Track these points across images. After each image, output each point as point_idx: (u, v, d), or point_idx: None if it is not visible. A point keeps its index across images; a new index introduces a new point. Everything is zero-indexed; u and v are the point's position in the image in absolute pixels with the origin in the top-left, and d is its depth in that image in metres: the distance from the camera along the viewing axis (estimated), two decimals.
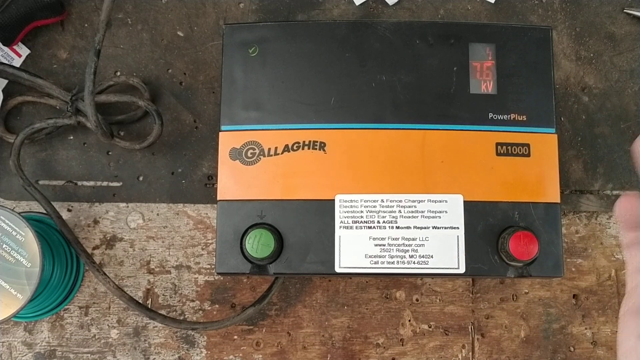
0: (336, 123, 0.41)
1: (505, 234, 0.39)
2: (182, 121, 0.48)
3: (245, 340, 0.46)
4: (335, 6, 0.49)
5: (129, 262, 0.47)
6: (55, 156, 0.47)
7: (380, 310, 0.46)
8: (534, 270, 0.40)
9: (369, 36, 0.42)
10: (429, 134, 0.41)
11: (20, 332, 0.45)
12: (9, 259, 0.39)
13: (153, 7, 0.49)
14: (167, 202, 0.47)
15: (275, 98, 0.41)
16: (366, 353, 0.46)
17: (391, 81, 0.41)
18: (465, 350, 0.46)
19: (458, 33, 0.42)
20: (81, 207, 0.47)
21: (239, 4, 0.49)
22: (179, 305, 0.46)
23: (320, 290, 0.46)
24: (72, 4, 0.48)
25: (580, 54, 0.49)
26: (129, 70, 0.48)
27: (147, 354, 0.46)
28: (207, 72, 0.48)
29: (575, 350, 0.46)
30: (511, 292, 0.47)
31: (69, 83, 0.47)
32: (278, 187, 0.41)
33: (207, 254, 0.47)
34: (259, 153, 0.41)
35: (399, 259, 0.40)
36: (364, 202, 0.40)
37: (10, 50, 0.47)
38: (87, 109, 0.42)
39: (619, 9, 0.49)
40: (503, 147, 0.41)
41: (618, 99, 0.48)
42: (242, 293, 0.46)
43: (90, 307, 0.46)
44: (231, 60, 0.42)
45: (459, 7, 0.49)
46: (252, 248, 0.39)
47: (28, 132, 0.44)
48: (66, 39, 0.48)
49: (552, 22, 0.49)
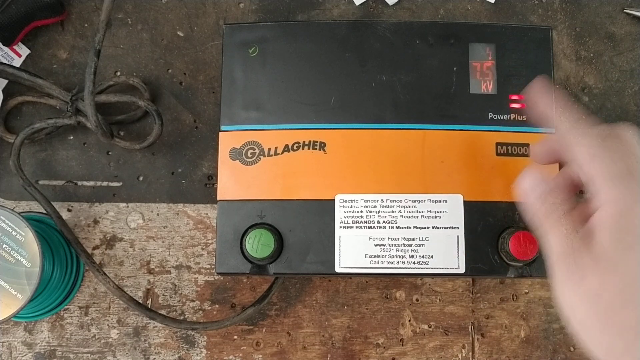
0: (336, 123, 0.41)
1: (505, 234, 0.39)
2: (182, 121, 0.48)
3: (245, 340, 0.46)
4: (335, 6, 0.49)
5: (129, 262, 0.47)
6: (55, 156, 0.47)
7: (380, 310, 0.46)
8: (534, 270, 0.40)
9: (369, 36, 0.42)
10: (429, 134, 0.41)
11: (20, 332, 0.45)
12: (9, 259, 0.39)
13: (153, 7, 0.49)
14: (167, 202, 0.47)
15: (275, 98, 0.41)
16: (366, 353, 0.46)
17: (391, 81, 0.41)
18: (465, 350, 0.46)
19: (458, 33, 0.42)
20: (81, 207, 0.47)
21: (239, 4, 0.49)
22: (179, 305, 0.46)
23: (320, 290, 0.46)
24: (72, 4, 0.48)
25: (580, 54, 0.49)
26: (129, 70, 0.48)
27: (147, 354, 0.46)
28: (207, 72, 0.48)
29: (576, 350, 0.46)
30: (511, 292, 0.47)
31: (69, 83, 0.47)
32: (278, 187, 0.41)
33: (207, 254, 0.47)
34: (259, 153, 0.41)
35: (399, 259, 0.40)
36: (364, 202, 0.40)
37: (10, 50, 0.47)
38: (87, 109, 0.42)
39: (619, 9, 0.49)
40: (503, 147, 0.41)
41: (618, 99, 0.48)
42: (242, 293, 0.46)
43: (90, 307, 0.46)
44: (231, 60, 0.42)
45: (459, 7, 0.49)
46: (252, 248, 0.39)
47: (28, 132, 0.44)
48: (66, 39, 0.48)
49: (552, 22, 0.49)
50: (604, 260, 0.26)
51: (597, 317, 0.26)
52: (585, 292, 0.26)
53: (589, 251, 0.26)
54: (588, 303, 0.26)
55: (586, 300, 0.26)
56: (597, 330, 0.26)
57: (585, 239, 0.27)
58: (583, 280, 0.26)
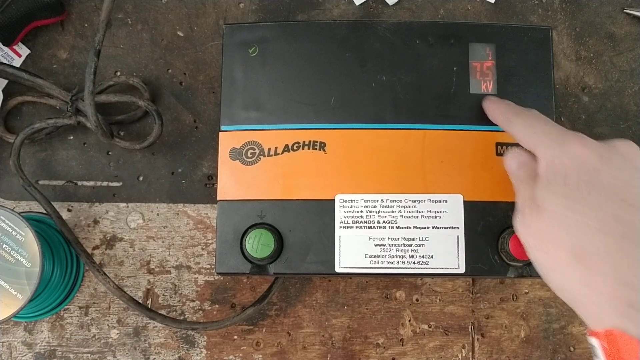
0: (336, 123, 0.41)
1: (505, 234, 0.39)
2: (182, 121, 0.48)
3: (245, 340, 0.46)
4: (335, 6, 0.49)
5: (129, 262, 0.47)
6: (55, 156, 0.47)
7: (380, 310, 0.46)
8: (534, 270, 0.39)
9: (369, 36, 0.42)
10: (429, 134, 0.41)
11: (20, 332, 0.45)
12: (9, 259, 0.39)
13: (153, 7, 0.49)
14: (167, 202, 0.47)
15: (275, 98, 0.41)
16: (366, 353, 0.46)
17: (391, 81, 0.41)
18: (465, 350, 0.46)
19: (458, 33, 0.42)
20: (81, 207, 0.47)
21: (239, 4, 0.49)
22: (179, 305, 0.46)
23: (320, 290, 0.46)
24: (72, 4, 0.49)
25: (580, 54, 0.49)
26: (129, 70, 0.48)
27: (147, 354, 0.46)
28: (207, 72, 0.48)
29: (576, 350, 0.46)
30: (511, 292, 0.47)
31: (69, 83, 0.47)
32: (278, 187, 0.41)
33: (207, 254, 0.47)
34: (259, 153, 0.41)
35: (399, 259, 0.40)
36: (364, 202, 0.40)
37: (10, 50, 0.47)
38: (87, 109, 0.42)
39: (619, 9, 0.49)
40: (503, 147, 0.41)
41: (618, 99, 0.48)
42: (242, 293, 0.46)
43: (90, 307, 0.46)
44: (231, 60, 0.42)
45: (459, 7, 0.49)
46: (252, 248, 0.39)
47: (28, 132, 0.44)
48: (66, 39, 0.48)
49: (552, 22, 0.49)
50: (539, 206, 0.33)
51: (536, 247, 0.34)
52: (528, 231, 0.34)
53: (532, 200, 0.33)
54: (533, 240, 0.33)
55: (530, 237, 0.34)
56: (538, 257, 0.34)
57: (533, 191, 0.34)
58: (527, 221, 0.34)
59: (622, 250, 0.30)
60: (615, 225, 0.30)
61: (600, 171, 0.31)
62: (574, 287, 0.31)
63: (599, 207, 0.31)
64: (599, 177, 0.31)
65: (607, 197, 0.31)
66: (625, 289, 0.30)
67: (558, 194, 0.32)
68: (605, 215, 0.31)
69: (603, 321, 0.30)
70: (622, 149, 0.33)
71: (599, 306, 0.30)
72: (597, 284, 0.30)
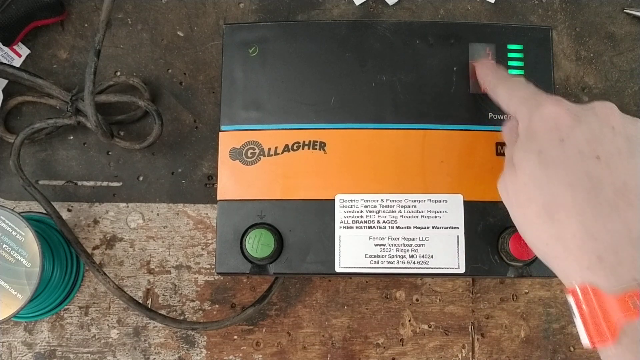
0: (336, 123, 0.41)
1: (505, 234, 0.39)
2: (182, 121, 0.48)
3: (245, 340, 0.46)
4: (335, 6, 0.49)
5: (129, 262, 0.47)
6: (55, 156, 0.47)
7: (380, 310, 0.46)
8: (534, 270, 0.40)
9: (369, 36, 0.42)
10: (429, 134, 0.41)
11: (20, 332, 0.45)
12: (9, 259, 0.39)
13: (153, 7, 0.49)
14: (167, 202, 0.47)
15: (275, 98, 0.41)
16: (366, 353, 0.46)
17: (391, 81, 0.41)
18: (465, 350, 0.46)
19: (458, 33, 0.42)
20: (81, 207, 0.47)
21: (239, 4, 0.49)
22: (179, 305, 0.46)
23: (320, 290, 0.46)
24: (72, 4, 0.49)
25: (580, 54, 0.49)
26: (129, 70, 0.48)
27: (147, 354, 0.46)
28: (207, 72, 0.48)
29: (576, 350, 0.46)
30: (511, 292, 0.47)
31: (69, 83, 0.47)
32: (278, 187, 0.41)
33: (207, 254, 0.47)
34: (259, 153, 0.41)
35: (399, 258, 0.40)
36: (364, 202, 0.40)
37: (10, 50, 0.47)
38: (87, 109, 0.42)
39: (619, 9, 0.49)
40: (503, 147, 0.41)
41: (618, 99, 0.48)
42: (242, 293, 0.46)
43: (90, 307, 0.46)
44: (231, 60, 0.42)
45: (459, 7, 0.49)
46: (252, 248, 0.39)
47: (28, 132, 0.44)
48: (66, 39, 0.48)
49: (552, 22, 0.49)
50: (514, 164, 0.33)
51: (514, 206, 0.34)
52: (507, 190, 0.34)
53: (510, 160, 0.34)
54: (511, 199, 0.34)
55: (509, 196, 0.34)
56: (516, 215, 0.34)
57: (512, 152, 0.35)
58: (507, 180, 0.34)
59: (590, 204, 0.30)
60: (586, 181, 0.31)
61: (575, 129, 0.32)
62: (548, 242, 0.32)
63: (570, 164, 0.31)
64: (573, 134, 0.32)
65: (579, 154, 0.31)
66: (594, 242, 0.30)
67: (531, 152, 0.32)
68: (576, 172, 0.31)
69: (575, 276, 0.31)
70: (599, 109, 0.33)
71: (570, 261, 0.31)
72: (567, 239, 0.31)
